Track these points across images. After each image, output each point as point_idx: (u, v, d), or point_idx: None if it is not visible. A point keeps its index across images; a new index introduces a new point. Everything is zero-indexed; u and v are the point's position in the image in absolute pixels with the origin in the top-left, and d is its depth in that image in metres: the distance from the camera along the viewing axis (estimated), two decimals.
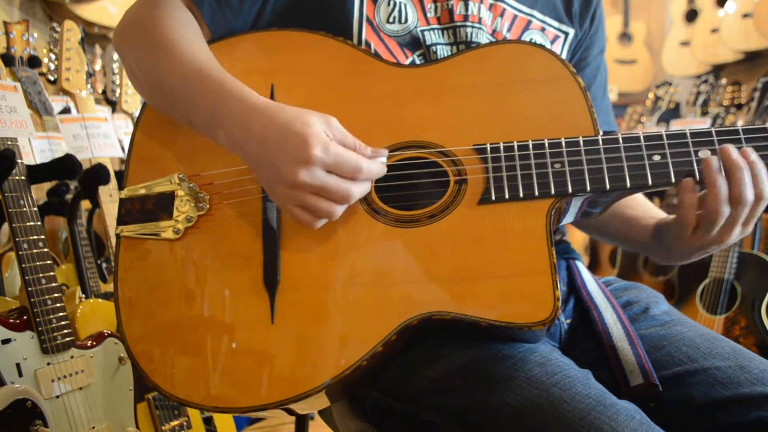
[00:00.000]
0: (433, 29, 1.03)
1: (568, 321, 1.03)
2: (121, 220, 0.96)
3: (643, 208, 1.13)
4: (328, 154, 0.81)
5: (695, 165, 0.87)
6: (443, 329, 0.88)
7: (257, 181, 0.89)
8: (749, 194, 0.85)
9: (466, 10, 1.03)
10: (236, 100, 0.87)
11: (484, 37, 1.04)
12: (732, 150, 0.85)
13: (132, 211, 0.96)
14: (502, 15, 1.06)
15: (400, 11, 1.02)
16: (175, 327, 0.90)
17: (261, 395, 0.85)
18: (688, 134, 0.88)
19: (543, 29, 1.10)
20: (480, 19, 1.04)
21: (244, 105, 0.86)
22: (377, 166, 0.86)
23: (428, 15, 1.03)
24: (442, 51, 1.03)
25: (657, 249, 1.05)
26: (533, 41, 1.08)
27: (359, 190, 0.85)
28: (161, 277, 0.93)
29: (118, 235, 0.95)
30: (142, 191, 0.96)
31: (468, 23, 1.03)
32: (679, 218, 0.91)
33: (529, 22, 1.09)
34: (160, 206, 0.95)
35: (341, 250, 0.89)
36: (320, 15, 1.00)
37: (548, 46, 1.10)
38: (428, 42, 1.02)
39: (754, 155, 0.85)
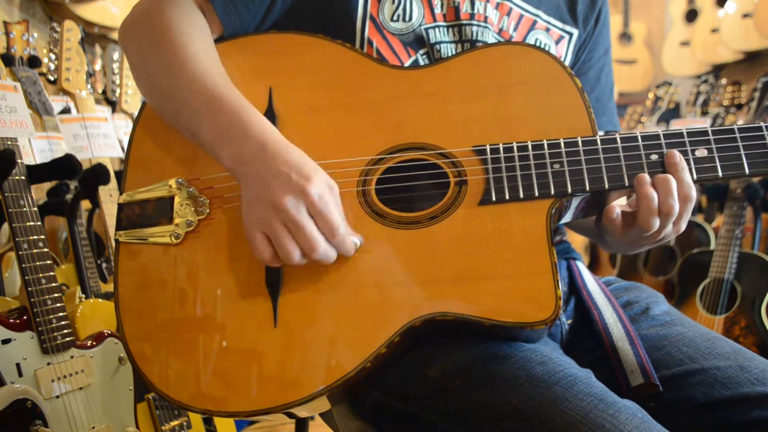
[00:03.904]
0: (438, 26, 1.03)
1: (569, 321, 1.03)
2: (121, 226, 0.95)
3: None
4: (321, 200, 0.81)
5: (693, 164, 0.87)
6: (446, 330, 0.88)
7: (241, 198, 0.87)
8: (674, 204, 0.86)
9: (472, 8, 1.03)
10: (250, 128, 0.86)
11: (490, 36, 1.04)
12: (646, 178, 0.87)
13: (131, 216, 0.95)
14: (508, 14, 1.06)
15: (404, 9, 1.02)
16: (176, 331, 0.90)
17: (264, 399, 0.85)
18: (685, 133, 0.89)
19: (548, 29, 1.10)
20: (486, 18, 1.04)
21: (258, 135, 0.86)
22: (350, 243, 0.85)
23: (435, 11, 1.03)
24: (447, 49, 1.03)
25: (601, 239, 1.06)
26: (538, 41, 1.08)
27: (326, 250, 0.83)
28: (162, 281, 0.92)
29: (117, 241, 0.95)
30: (141, 196, 0.96)
31: (474, 22, 1.03)
32: (604, 222, 0.93)
33: (535, 21, 1.09)
34: (160, 211, 0.94)
35: None
36: (325, 12, 1.01)
37: (553, 46, 1.10)
38: (432, 40, 1.03)
39: (675, 157, 0.87)
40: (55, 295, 1.28)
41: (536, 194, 0.87)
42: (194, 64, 0.91)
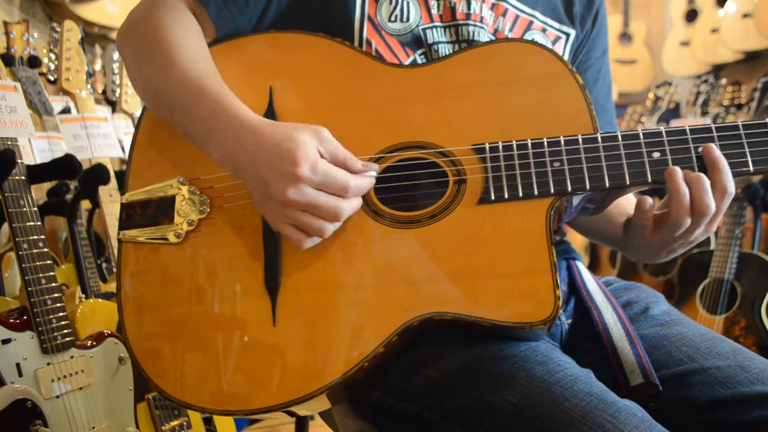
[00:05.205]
0: (435, 27, 1.03)
1: (569, 321, 1.03)
2: (123, 225, 0.96)
3: (619, 203, 1.13)
4: (315, 173, 0.82)
5: (695, 161, 0.87)
6: (444, 329, 0.88)
7: (251, 197, 0.89)
8: (710, 203, 0.85)
9: (469, 8, 1.03)
10: (230, 115, 0.87)
11: (485, 37, 1.04)
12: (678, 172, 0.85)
13: (133, 216, 0.96)
14: (504, 15, 1.06)
15: (402, 10, 1.02)
16: (177, 330, 0.90)
17: (263, 398, 0.85)
18: (688, 131, 0.88)
19: (544, 30, 1.10)
20: (482, 18, 1.04)
21: (237, 121, 0.87)
22: (365, 181, 0.86)
23: (432, 12, 1.03)
24: (444, 49, 1.03)
25: (627, 247, 1.05)
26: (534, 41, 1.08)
27: (349, 206, 0.85)
28: (163, 280, 0.93)
29: (120, 240, 0.95)
30: (143, 196, 0.96)
31: (470, 22, 1.03)
32: (635, 219, 0.93)
33: (531, 22, 1.09)
34: (162, 211, 0.95)
35: (342, 252, 0.89)
36: (323, 13, 1.01)
37: (549, 47, 1.10)
38: (430, 40, 1.03)
39: (716, 152, 0.86)
40: (55, 295, 1.28)
41: (535, 193, 0.87)
42: (182, 62, 0.92)
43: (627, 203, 1.14)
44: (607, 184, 0.87)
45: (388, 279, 0.87)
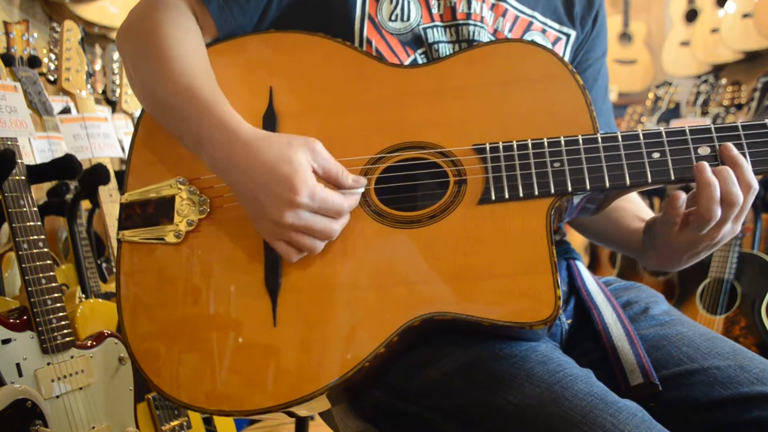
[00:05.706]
0: (435, 26, 1.03)
1: (569, 321, 1.03)
2: (122, 225, 0.96)
3: (633, 208, 1.13)
4: (314, 200, 0.83)
5: (695, 162, 0.87)
6: (445, 329, 0.88)
7: (243, 209, 0.89)
8: (738, 193, 0.85)
9: (469, 8, 1.03)
10: (220, 127, 0.87)
11: (485, 37, 1.04)
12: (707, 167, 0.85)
13: (133, 215, 0.96)
14: (504, 15, 1.06)
15: (402, 9, 1.02)
16: (177, 330, 0.90)
17: (263, 398, 0.85)
18: (688, 131, 0.88)
19: (544, 31, 1.10)
20: (482, 18, 1.04)
21: (227, 134, 0.87)
22: (355, 200, 0.88)
23: (432, 11, 1.03)
24: (444, 49, 1.03)
25: (647, 251, 1.05)
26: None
27: (341, 226, 0.87)
28: (163, 280, 0.92)
29: (119, 240, 0.95)
30: (143, 196, 0.96)
31: (470, 21, 1.03)
32: (665, 215, 0.92)
33: (531, 23, 1.09)
34: (161, 210, 0.95)
35: (342, 252, 0.89)
36: (323, 12, 1.01)
37: (549, 47, 1.10)
38: (430, 40, 1.03)
39: (734, 150, 0.86)
40: (55, 295, 1.28)
41: (536, 193, 0.87)
42: (176, 65, 0.91)
43: (640, 207, 1.14)
44: (608, 185, 0.87)
45: (388, 279, 0.87)
